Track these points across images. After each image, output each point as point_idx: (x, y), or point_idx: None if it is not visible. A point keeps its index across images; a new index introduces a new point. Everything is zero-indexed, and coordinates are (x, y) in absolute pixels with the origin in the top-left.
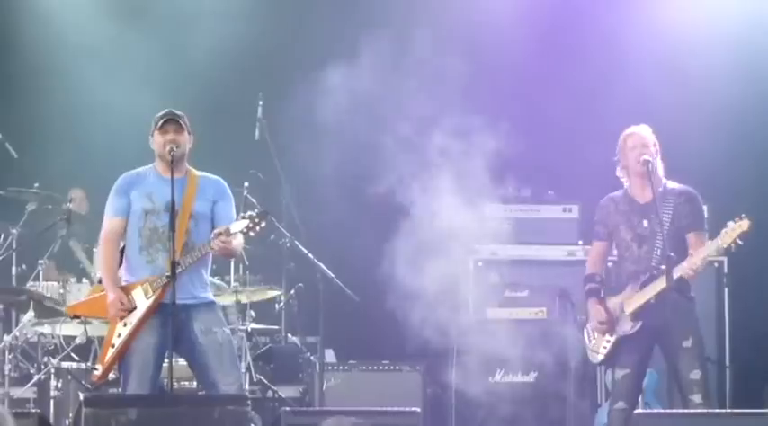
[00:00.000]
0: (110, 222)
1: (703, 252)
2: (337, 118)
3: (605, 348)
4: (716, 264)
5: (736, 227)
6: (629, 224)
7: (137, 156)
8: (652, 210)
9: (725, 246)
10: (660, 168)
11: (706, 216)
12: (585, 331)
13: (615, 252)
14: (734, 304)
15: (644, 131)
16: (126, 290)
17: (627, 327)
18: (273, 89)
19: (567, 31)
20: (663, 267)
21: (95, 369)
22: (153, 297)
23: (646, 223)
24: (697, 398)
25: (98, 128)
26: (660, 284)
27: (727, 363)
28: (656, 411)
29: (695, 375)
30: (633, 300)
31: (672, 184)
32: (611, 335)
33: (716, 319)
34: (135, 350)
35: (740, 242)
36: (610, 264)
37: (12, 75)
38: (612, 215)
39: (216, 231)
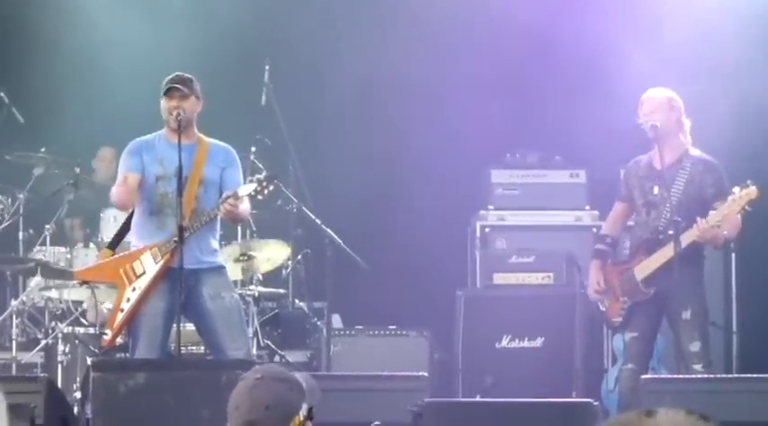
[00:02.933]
0: (125, 175)
1: (713, 219)
2: (344, 83)
3: (621, 314)
4: (725, 232)
5: (744, 195)
6: (642, 189)
7: (149, 120)
8: (667, 176)
9: (735, 213)
10: (686, 130)
11: None
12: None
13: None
14: (741, 270)
15: (658, 94)
16: (135, 255)
17: (641, 294)
18: (280, 53)
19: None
20: (670, 233)
21: (105, 334)
22: (161, 262)
23: (656, 190)
24: (698, 367)
25: (108, 92)
26: (669, 251)
27: (734, 329)
28: (661, 375)
29: (695, 346)
30: (643, 267)
31: (694, 151)
32: (627, 301)
33: (723, 285)
34: (144, 314)
35: (748, 208)
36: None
37: (18, 36)
38: (632, 178)
39: (224, 195)
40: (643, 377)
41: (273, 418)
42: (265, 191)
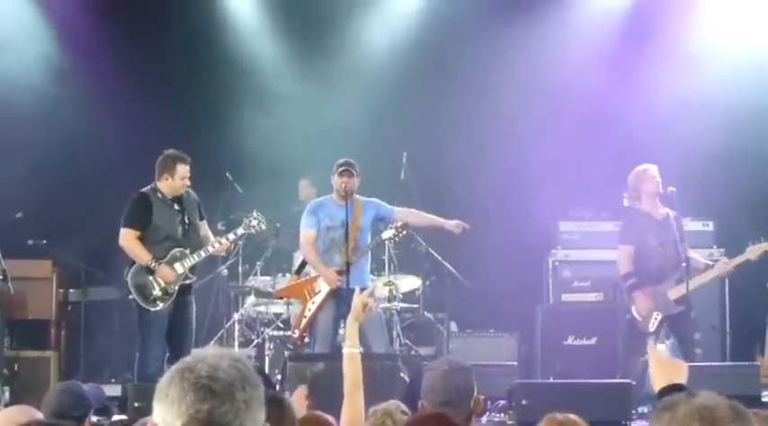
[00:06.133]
0: (306, 233)
1: (737, 261)
2: (456, 162)
3: (654, 323)
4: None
5: (763, 246)
6: (654, 233)
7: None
8: (665, 224)
9: (753, 258)
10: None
11: (711, 230)
12: (635, 311)
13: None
14: (732, 291)
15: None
16: (314, 279)
17: (674, 309)
18: (414, 144)
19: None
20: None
21: (294, 333)
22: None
23: (664, 234)
24: (698, 351)
25: (297, 167)
26: (693, 283)
27: (728, 330)
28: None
29: (697, 335)
30: (675, 291)
31: (664, 208)
32: (660, 314)
33: (719, 300)
34: (320, 320)
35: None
36: None
37: (231, 128)
38: (639, 227)
39: (374, 240)
40: None
41: (462, 397)
42: (400, 235)
